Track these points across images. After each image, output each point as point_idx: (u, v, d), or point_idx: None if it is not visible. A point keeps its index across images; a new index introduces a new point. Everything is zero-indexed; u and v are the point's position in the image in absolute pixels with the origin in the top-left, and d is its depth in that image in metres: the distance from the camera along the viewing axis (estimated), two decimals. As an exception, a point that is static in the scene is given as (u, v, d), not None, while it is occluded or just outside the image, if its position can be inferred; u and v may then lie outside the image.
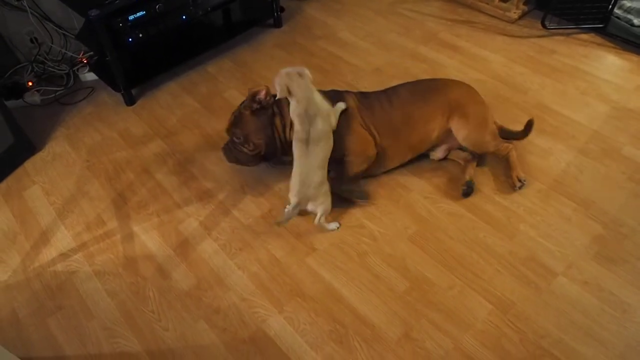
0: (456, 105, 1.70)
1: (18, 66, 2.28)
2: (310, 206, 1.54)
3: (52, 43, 2.30)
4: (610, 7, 2.32)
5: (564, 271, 1.48)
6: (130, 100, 2.18)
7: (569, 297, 1.42)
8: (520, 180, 1.69)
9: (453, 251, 1.55)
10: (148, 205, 1.75)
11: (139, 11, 1.98)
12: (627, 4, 2.35)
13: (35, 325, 1.44)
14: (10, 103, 2.11)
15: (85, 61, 2.34)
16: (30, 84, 2.22)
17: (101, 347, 1.38)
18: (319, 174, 1.53)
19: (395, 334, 1.36)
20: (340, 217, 1.67)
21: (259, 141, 1.66)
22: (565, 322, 1.36)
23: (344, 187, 1.67)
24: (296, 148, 1.53)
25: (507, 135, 1.80)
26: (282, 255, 1.57)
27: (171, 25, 2.11)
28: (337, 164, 1.64)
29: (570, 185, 1.72)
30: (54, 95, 2.24)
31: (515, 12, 2.55)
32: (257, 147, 1.68)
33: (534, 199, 1.68)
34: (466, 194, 1.69)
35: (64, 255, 1.61)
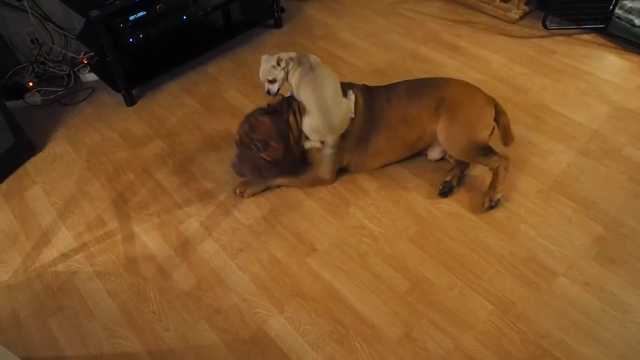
0: (447, 104, 1.67)
1: (19, 67, 2.28)
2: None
3: (53, 43, 2.30)
4: (611, 7, 2.32)
5: (564, 272, 1.48)
6: (131, 101, 2.19)
7: (569, 297, 1.42)
8: (492, 201, 1.63)
9: (453, 251, 1.55)
10: (148, 205, 1.75)
11: (139, 11, 1.98)
12: (628, 4, 2.35)
13: (36, 325, 1.44)
14: (10, 103, 2.11)
15: (85, 62, 2.34)
16: (30, 84, 2.22)
17: (102, 348, 1.38)
18: (336, 99, 1.58)
19: (396, 334, 1.36)
20: (340, 218, 1.67)
21: (278, 145, 1.65)
22: (566, 322, 1.36)
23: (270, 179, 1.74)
24: (306, 82, 1.56)
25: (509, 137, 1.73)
26: (282, 256, 1.57)
27: (171, 25, 2.12)
28: (291, 158, 1.68)
29: (570, 185, 1.72)
30: (54, 95, 2.24)
31: (516, 13, 2.55)
32: (277, 151, 1.66)
33: (535, 199, 1.68)
34: (442, 193, 1.70)
35: (64, 256, 1.61)
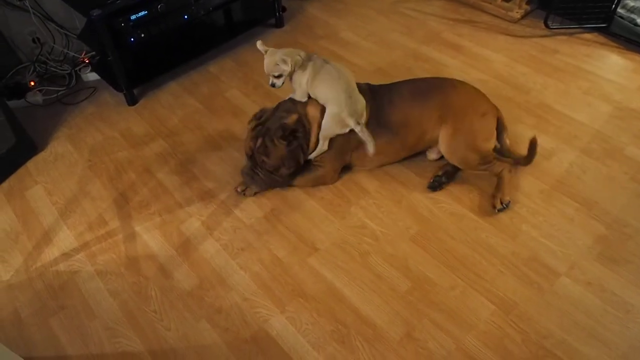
0: (450, 112, 1.65)
1: (20, 66, 2.28)
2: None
3: (54, 43, 2.30)
4: (614, 6, 2.31)
5: (566, 271, 1.47)
6: (132, 100, 2.19)
7: (571, 297, 1.41)
8: (502, 204, 1.62)
9: (455, 251, 1.55)
10: (150, 205, 1.75)
11: (140, 11, 1.98)
12: (631, 3, 2.34)
13: (37, 325, 1.44)
14: (12, 103, 2.11)
15: (87, 61, 2.34)
16: (32, 84, 2.22)
17: (103, 347, 1.38)
18: (355, 86, 1.61)
19: (397, 334, 1.36)
20: (342, 218, 1.67)
21: (289, 170, 1.67)
22: (568, 322, 1.36)
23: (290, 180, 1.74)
24: (325, 72, 1.57)
25: (511, 156, 1.72)
26: (284, 255, 1.57)
27: (173, 25, 2.12)
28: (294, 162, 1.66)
29: (572, 185, 1.72)
30: (56, 95, 2.24)
31: (517, 12, 2.54)
32: (285, 173, 1.68)
33: (537, 199, 1.68)
34: (432, 187, 1.71)
35: (66, 255, 1.61)
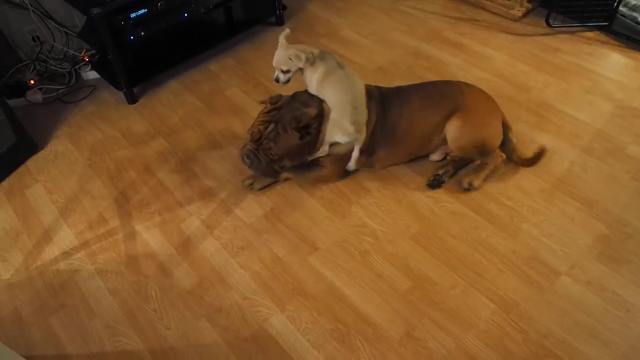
0: (460, 111, 1.64)
1: (20, 65, 2.28)
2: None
3: (54, 41, 2.30)
4: (616, 4, 2.30)
5: (567, 271, 1.47)
6: (132, 99, 2.18)
7: (572, 296, 1.41)
8: (471, 185, 1.68)
9: (455, 250, 1.54)
10: (150, 203, 1.75)
11: (140, 9, 1.97)
12: (633, 1, 2.33)
13: (37, 323, 1.44)
14: (12, 102, 2.11)
15: (87, 59, 2.34)
16: (32, 82, 2.22)
17: (103, 346, 1.38)
18: (363, 97, 1.60)
19: (398, 333, 1.36)
20: (342, 217, 1.66)
21: (292, 163, 1.66)
22: (569, 322, 1.36)
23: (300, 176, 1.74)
24: (336, 77, 1.56)
25: (515, 156, 1.73)
26: (284, 254, 1.57)
27: (173, 23, 2.11)
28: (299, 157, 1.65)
29: (573, 184, 1.71)
30: (56, 93, 2.24)
31: (519, 10, 2.53)
32: (287, 166, 1.67)
33: (537, 198, 1.67)
34: (430, 185, 1.72)
35: (66, 254, 1.61)
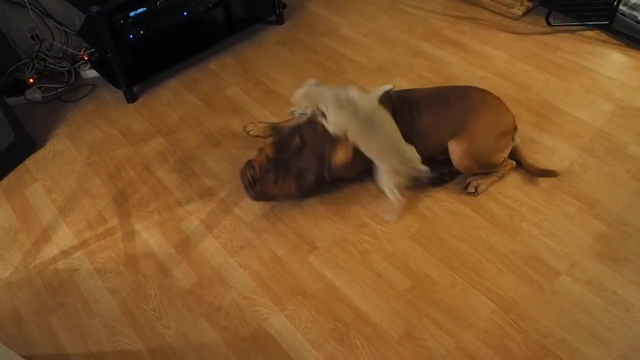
0: (471, 131, 1.58)
1: (19, 63, 2.27)
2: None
3: (53, 40, 2.29)
4: (616, 3, 2.30)
5: (567, 270, 1.47)
6: (132, 98, 2.18)
7: (572, 296, 1.41)
8: (476, 190, 1.66)
9: (455, 250, 1.54)
10: (149, 202, 1.74)
11: (139, 7, 1.97)
12: (633, 0, 2.33)
13: (36, 323, 1.44)
14: (11, 100, 2.11)
15: (86, 58, 2.33)
16: (31, 81, 2.21)
17: (102, 345, 1.38)
18: (399, 135, 1.49)
19: (397, 333, 1.36)
20: (342, 216, 1.66)
21: (308, 182, 1.56)
22: (569, 321, 1.36)
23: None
24: (370, 133, 1.45)
25: (518, 157, 1.73)
26: (283, 254, 1.56)
27: (172, 21, 2.10)
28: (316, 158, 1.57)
29: (574, 183, 1.71)
30: (55, 92, 2.23)
31: (519, 9, 2.52)
32: (308, 183, 1.59)
33: (537, 198, 1.67)
34: (433, 183, 1.70)
35: (65, 253, 1.61)
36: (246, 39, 2.50)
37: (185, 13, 2.12)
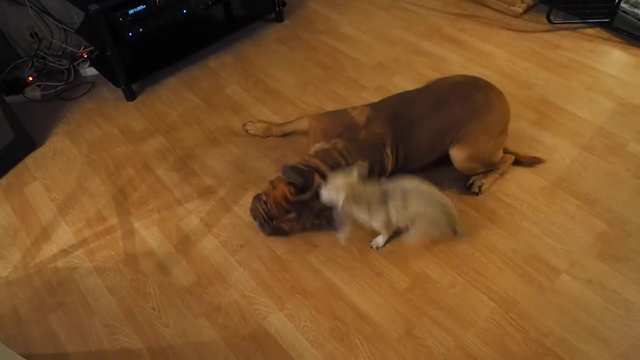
0: (471, 135, 1.57)
1: (18, 61, 2.26)
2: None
3: (52, 38, 2.29)
4: (617, 1, 2.29)
5: (567, 269, 1.47)
6: (131, 96, 2.17)
7: (572, 295, 1.41)
8: (480, 190, 1.66)
9: (455, 249, 1.54)
10: (148, 201, 1.74)
11: (139, 5, 1.96)
12: (634, -3, 2.32)
13: (36, 321, 1.44)
14: (10, 98, 2.10)
15: (85, 56, 2.32)
16: (30, 79, 2.21)
17: (102, 344, 1.38)
18: (434, 192, 1.44)
19: (397, 332, 1.35)
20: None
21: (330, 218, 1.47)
22: (569, 320, 1.35)
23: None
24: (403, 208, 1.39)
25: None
26: (283, 252, 1.56)
27: (172, 19, 2.10)
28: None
29: (574, 182, 1.71)
30: (54, 90, 2.23)
31: (520, 7, 2.51)
32: (310, 224, 1.54)
33: (538, 196, 1.67)
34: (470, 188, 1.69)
35: (64, 252, 1.60)
36: (246, 36, 2.49)
37: (184, 11, 2.12)
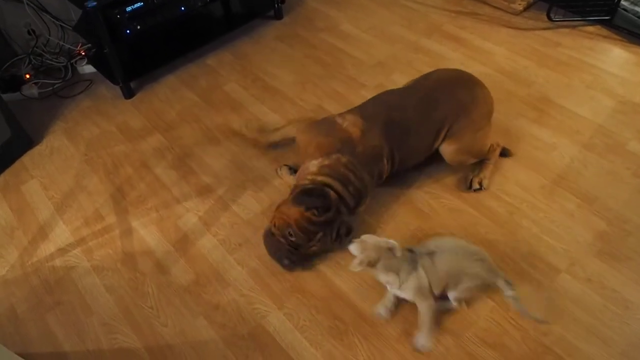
0: (461, 131, 1.60)
1: (15, 58, 2.25)
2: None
3: (50, 35, 2.27)
4: (617, -2, 2.28)
5: (566, 268, 1.46)
6: (129, 94, 2.16)
7: (571, 294, 1.40)
8: (481, 185, 1.66)
9: (455, 247, 1.53)
10: (147, 200, 1.73)
11: (136, 2, 1.95)
12: (635, -5, 2.31)
13: (34, 320, 1.43)
14: (7, 96, 2.09)
15: (83, 53, 2.31)
16: (27, 76, 2.19)
17: (100, 343, 1.37)
18: (460, 255, 1.35)
19: (396, 331, 1.35)
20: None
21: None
22: (568, 319, 1.35)
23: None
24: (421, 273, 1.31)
25: None
26: (281, 251, 1.56)
27: (170, 17, 2.09)
28: None
29: (574, 180, 1.70)
30: (52, 88, 2.22)
31: (520, 4, 2.50)
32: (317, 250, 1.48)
33: (537, 195, 1.66)
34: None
35: (62, 251, 1.60)
36: (244, 34, 2.48)
37: (182, 8, 2.11)
